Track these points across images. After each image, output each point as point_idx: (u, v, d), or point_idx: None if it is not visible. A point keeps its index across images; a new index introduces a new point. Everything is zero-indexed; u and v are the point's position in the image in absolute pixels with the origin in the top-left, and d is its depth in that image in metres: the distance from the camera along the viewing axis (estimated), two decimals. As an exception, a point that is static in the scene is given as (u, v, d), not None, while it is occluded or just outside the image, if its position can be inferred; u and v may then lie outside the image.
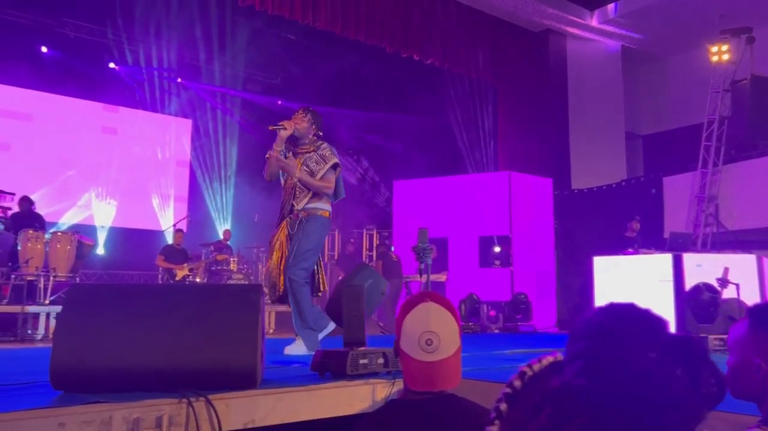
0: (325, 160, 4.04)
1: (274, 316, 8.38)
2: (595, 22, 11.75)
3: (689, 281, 6.22)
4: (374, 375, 2.65)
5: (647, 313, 0.66)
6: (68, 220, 11.05)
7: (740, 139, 10.42)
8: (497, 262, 9.04)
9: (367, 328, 2.76)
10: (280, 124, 4.06)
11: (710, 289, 5.09)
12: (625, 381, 0.59)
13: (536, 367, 0.66)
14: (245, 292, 2.48)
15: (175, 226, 10.33)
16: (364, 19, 9.46)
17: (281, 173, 4.14)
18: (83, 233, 8.57)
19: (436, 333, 1.45)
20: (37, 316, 6.79)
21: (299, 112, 4.18)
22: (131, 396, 2.04)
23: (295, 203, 4.01)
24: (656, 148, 12.91)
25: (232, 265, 9.73)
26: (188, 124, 12.95)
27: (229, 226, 11.99)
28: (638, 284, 7.00)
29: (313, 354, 3.80)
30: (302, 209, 3.99)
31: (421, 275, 4.37)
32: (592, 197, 11.03)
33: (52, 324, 6.62)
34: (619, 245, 8.18)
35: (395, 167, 11.77)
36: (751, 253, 6.96)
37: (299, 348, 3.91)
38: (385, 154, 12.67)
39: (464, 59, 10.78)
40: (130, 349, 2.17)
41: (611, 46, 12.50)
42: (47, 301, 7.03)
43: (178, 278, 9.05)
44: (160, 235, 11.52)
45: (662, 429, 0.58)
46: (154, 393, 2.08)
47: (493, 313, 8.10)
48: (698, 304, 5.00)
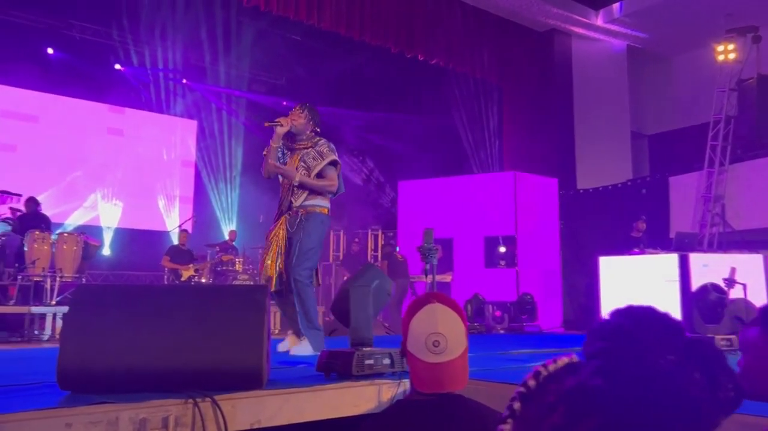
0: (322, 156, 4.02)
1: (279, 316, 8.38)
2: (600, 21, 11.72)
3: (695, 281, 6.20)
4: (380, 375, 2.64)
5: (666, 316, 0.65)
6: (74, 221, 11.08)
7: (747, 138, 10.38)
8: (502, 262, 9.02)
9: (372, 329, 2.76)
10: (276, 120, 4.04)
11: (717, 289, 5.07)
12: (642, 381, 0.58)
13: (551, 367, 0.66)
14: (251, 292, 2.48)
15: (180, 227, 10.35)
16: (368, 19, 9.46)
17: None
18: (89, 234, 8.60)
19: (443, 334, 1.44)
20: (43, 317, 6.83)
21: (296, 108, 4.16)
22: (138, 396, 2.04)
23: (293, 200, 3.98)
24: (662, 147, 12.86)
25: (237, 265, 9.75)
26: (193, 125, 12.98)
27: (234, 226, 12.02)
28: (644, 284, 6.98)
29: (318, 354, 3.82)
30: (300, 206, 3.96)
31: (426, 276, 4.36)
32: (597, 197, 11.00)
33: (58, 324, 6.66)
34: (625, 245, 8.16)
35: (400, 168, 11.77)
36: (757, 253, 6.94)
37: (305, 348, 3.91)
38: (390, 154, 12.67)
39: (469, 59, 10.77)
40: (136, 350, 2.18)
41: (616, 45, 12.47)
42: (54, 302, 7.07)
43: (183, 279, 9.07)
44: (165, 236, 11.56)
45: None
46: (160, 393, 2.08)
47: (498, 313, 8.08)
48: (705, 304, 4.98)
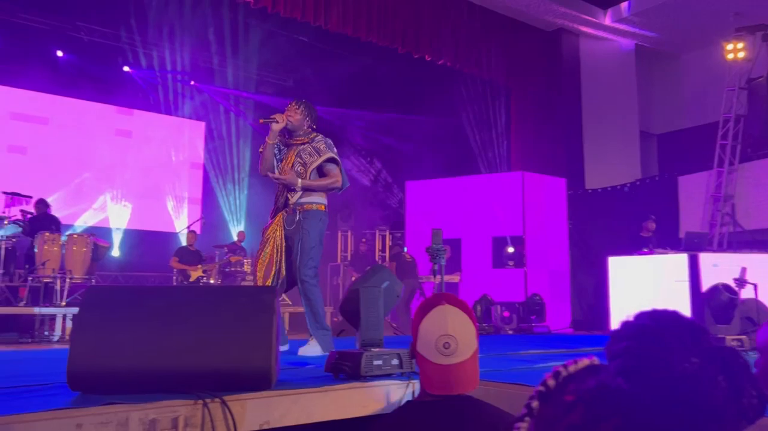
0: (319, 152, 3.98)
1: (288, 317, 8.40)
2: (608, 20, 11.67)
3: (706, 281, 6.16)
4: (388, 376, 2.64)
5: (691, 320, 0.64)
6: (84, 222, 11.15)
7: (757, 137, 10.31)
8: (511, 262, 8.99)
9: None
10: (272, 117, 4.02)
11: (729, 290, 5.04)
12: (665, 383, 0.57)
13: (572, 368, 0.65)
14: (260, 293, 2.48)
15: (189, 228, 10.39)
16: (375, 20, 9.46)
17: (276, 167, 4.07)
18: (98, 236, 8.65)
19: (453, 336, 1.43)
20: (53, 318, 6.87)
21: (292, 104, 4.11)
22: (147, 397, 2.04)
23: (289, 197, 3.95)
24: (671, 147, 12.79)
25: (245, 266, 9.77)
26: (201, 126, 13.03)
27: (242, 227, 12.05)
28: (654, 285, 6.95)
29: (327, 355, 3.81)
30: (297, 204, 3.93)
31: (435, 276, 4.35)
32: (606, 197, 10.95)
33: (68, 325, 6.70)
34: (634, 245, 8.12)
35: (408, 168, 11.76)
36: (768, 252, 6.89)
37: (313, 349, 3.91)
38: (397, 155, 12.66)
39: (476, 59, 10.75)
40: (145, 350, 2.18)
41: (625, 44, 12.41)
42: (63, 303, 7.11)
43: (192, 280, 9.10)
44: (174, 237, 11.60)
45: None
46: (169, 394, 2.08)
47: (506, 314, 8.06)
48: (717, 305, 4.94)
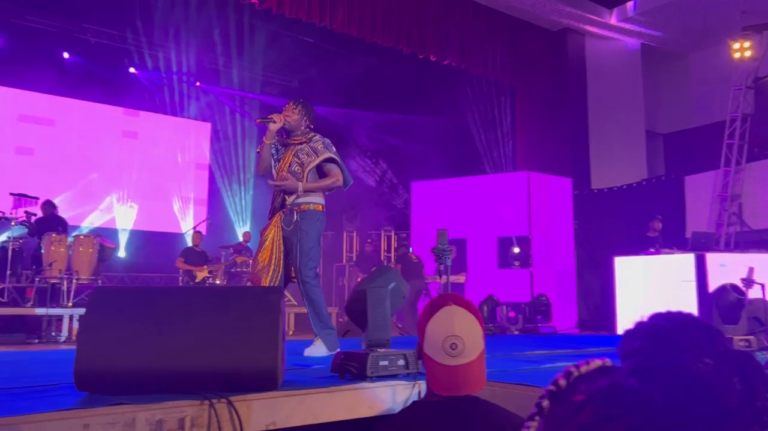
0: (316, 152, 3.98)
1: (293, 318, 8.40)
2: (614, 20, 11.64)
3: (712, 281, 6.13)
4: (394, 377, 2.64)
5: (706, 323, 0.64)
6: (90, 223, 11.19)
7: (764, 136, 10.26)
8: (516, 263, 8.97)
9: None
10: (269, 117, 4.03)
11: (737, 290, 5.02)
12: (679, 383, 0.56)
13: (583, 369, 0.64)
14: (266, 294, 2.48)
15: (194, 228, 10.41)
16: (380, 20, 9.46)
17: (273, 167, 4.08)
18: (105, 236, 8.68)
19: (460, 336, 1.43)
20: (60, 318, 6.90)
21: (289, 104, 4.11)
22: (154, 397, 2.05)
23: (286, 197, 3.94)
24: (677, 146, 12.75)
25: (251, 267, 9.77)
26: (207, 127, 13.06)
27: (248, 228, 12.06)
28: (660, 285, 6.92)
29: (333, 354, 3.81)
30: (294, 204, 3.92)
31: (440, 277, 4.35)
32: (611, 197, 10.92)
33: (75, 326, 6.72)
34: (641, 245, 8.09)
35: (413, 168, 11.76)
36: (776, 252, 6.85)
37: (319, 349, 3.91)
38: (403, 155, 12.66)
39: (482, 59, 10.74)
40: (152, 351, 2.19)
41: (631, 44, 12.37)
42: (70, 303, 7.14)
43: (198, 280, 9.12)
44: (180, 238, 11.63)
45: None
46: (176, 394, 2.09)
47: (512, 314, 8.04)
48: (724, 305, 4.92)
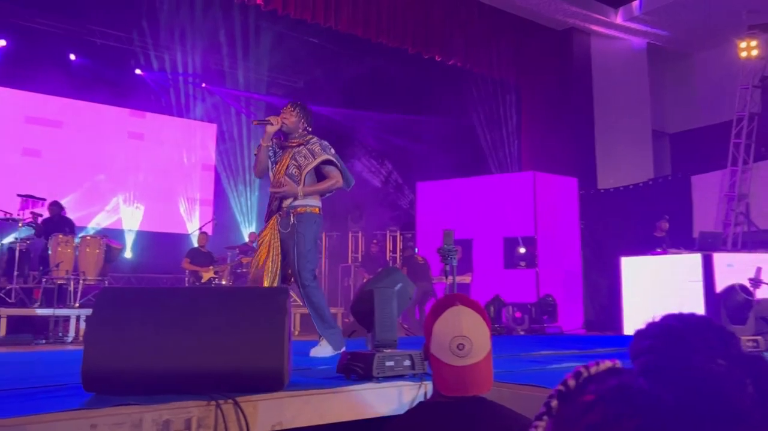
0: (313, 154, 3.98)
1: (299, 318, 8.41)
2: (619, 19, 11.61)
3: (720, 281, 6.10)
4: (400, 377, 2.63)
5: (719, 325, 0.63)
6: (97, 224, 11.24)
7: (771, 136, 10.21)
8: (522, 263, 8.95)
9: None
10: (266, 119, 4.04)
11: (745, 290, 4.99)
12: (690, 384, 0.56)
13: (593, 369, 0.63)
14: (272, 294, 2.49)
15: (200, 229, 10.44)
16: (385, 20, 9.47)
17: (270, 169, 4.08)
18: (111, 237, 8.71)
19: (467, 337, 1.43)
20: (67, 319, 6.93)
21: (287, 106, 4.13)
22: (161, 398, 2.05)
23: (283, 200, 3.95)
24: (684, 146, 12.69)
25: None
26: (213, 128, 13.09)
27: (254, 229, 12.08)
28: (667, 285, 6.89)
29: (338, 353, 3.81)
30: (291, 207, 3.92)
31: (446, 277, 4.34)
32: (618, 197, 10.88)
33: (81, 326, 6.75)
34: (648, 245, 8.07)
35: (418, 169, 11.75)
36: (784, 252, 6.81)
37: (324, 349, 3.91)
38: (408, 155, 12.66)
39: (487, 59, 10.72)
40: (158, 351, 2.19)
41: (636, 43, 12.33)
42: (77, 304, 7.17)
43: (204, 281, 9.14)
44: (186, 238, 11.66)
45: None
46: (183, 395, 2.09)
47: (518, 315, 8.03)
48: (732, 305, 4.90)
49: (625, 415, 0.55)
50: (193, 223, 12.26)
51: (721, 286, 5.76)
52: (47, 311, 6.87)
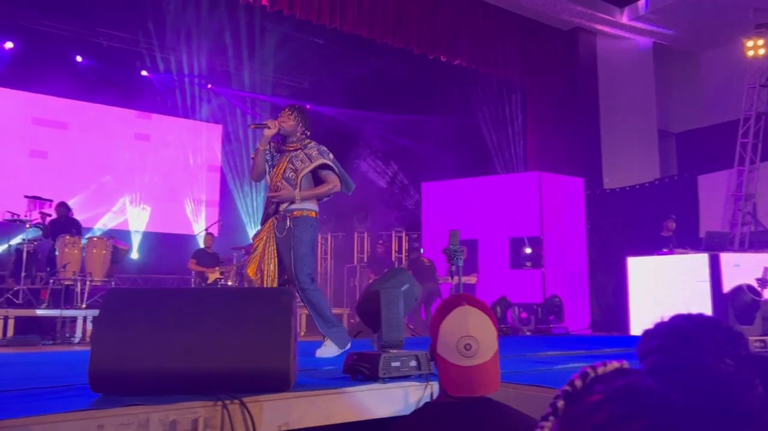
0: (310, 159, 3.97)
1: (304, 319, 8.41)
2: (625, 19, 11.57)
3: (727, 282, 6.07)
4: (406, 378, 2.63)
5: (728, 325, 0.62)
6: (103, 225, 11.28)
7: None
8: (528, 263, 8.93)
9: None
10: (263, 122, 4.04)
11: (752, 290, 4.97)
12: (699, 384, 0.55)
13: (600, 370, 0.63)
14: (278, 295, 2.49)
15: (206, 230, 10.46)
16: (391, 21, 9.46)
17: (267, 172, 4.09)
18: (118, 238, 8.75)
19: (474, 337, 1.42)
20: (74, 320, 6.95)
21: (285, 110, 4.11)
22: (167, 398, 2.06)
23: (280, 204, 3.96)
24: (690, 146, 12.64)
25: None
26: (219, 129, 13.13)
27: (259, 229, 12.08)
28: (674, 285, 6.87)
29: (344, 350, 3.82)
30: (287, 210, 3.91)
31: (452, 278, 4.34)
32: (624, 197, 10.85)
33: (88, 327, 6.78)
34: (655, 245, 8.04)
35: (424, 169, 11.74)
36: (791, 252, 6.78)
37: (330, 349, 3.91)
38: (413, 156, 12.65)
39: (492, 59, 10.71)
40: (165, 352, 2.20)
41: (642, 42, 12.29)
42: (84, 305, 7.20)
43: (210, 282, 9.16)
44: (192, 239, 11.69)
45: None
46: (189, 395, 2.10)
47: (524, 315, 8.02)
48: (740, 305, 4.88)
49: (632, 415, 0.55)
50: (199, 224, 12.29)
51: (728, 286, 5.73)
52: (54, 312, 6.90)
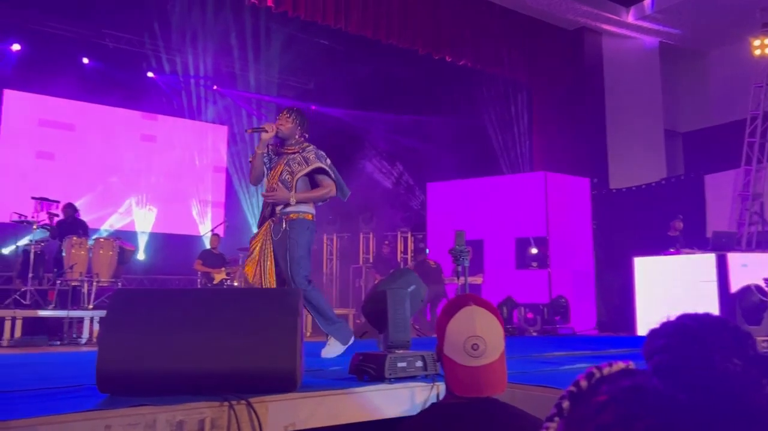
0: (307, 162, 3.97)
1: (310, 319, 8.42)
2: (631, 18, 11.54)
3: (734, 281, 6.05)
4: (413, 378, 2.63)
5: (735, 325, 0.62)
6: (110, 226, 11.32)
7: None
8: (534, 264, 8.91)
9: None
10: (261, 126, 4.06)
11: (760, 290, 4.95)
12: (705, 384, 0.55)
13: (606, 371, 0.63)
14: (284, 296, 2.49)
15: (212, 231, 10.49)
16: (395, 22, 9.46)
17: (265, 175, 4.10)
18: (124, 239, 8.78)
19: (482, 337, 1.42)
20: (81, 320, 6.98)
21: (284, 113, 4.13)
22: (174, 399, 2.07)
23: (276, 206, 3.96)
24: (697, 145, 12.59)
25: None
26: (224, 130, 13.16)
27: (265, 230, 12.10)
28: (681, 285, 6.84)
29: (348, 346, 3.84)
30: (283, 213, 3.91)
31: (458, 278, 4.34)
32: (630, 197, 10.81)
33: (95, 327, 6.81)
34: (662, 245, 8.01)
35: (429, 170, 11.73)
36: (799, 252, 6.74)
37: (334, 347, 3.91)
38: (419, 156, 12.64)
39: (497, 60, 10.69)
40: (172, 352, 2.20)
41: (648, 42, 12.25)
42: (91, 306, 7.23)
43: (215, 282, 9.18)
44: (198, 240, 11.72)
45: None
46: (196, 396, 2.10)
47: (530, 315, 8.00)
48: (748, 305, 4.86)
49: (638, 415, 0.54)
50: (205, 225, 12.32)
51: (735, 286, 5.71)
52: (61, 313, 6.93)
